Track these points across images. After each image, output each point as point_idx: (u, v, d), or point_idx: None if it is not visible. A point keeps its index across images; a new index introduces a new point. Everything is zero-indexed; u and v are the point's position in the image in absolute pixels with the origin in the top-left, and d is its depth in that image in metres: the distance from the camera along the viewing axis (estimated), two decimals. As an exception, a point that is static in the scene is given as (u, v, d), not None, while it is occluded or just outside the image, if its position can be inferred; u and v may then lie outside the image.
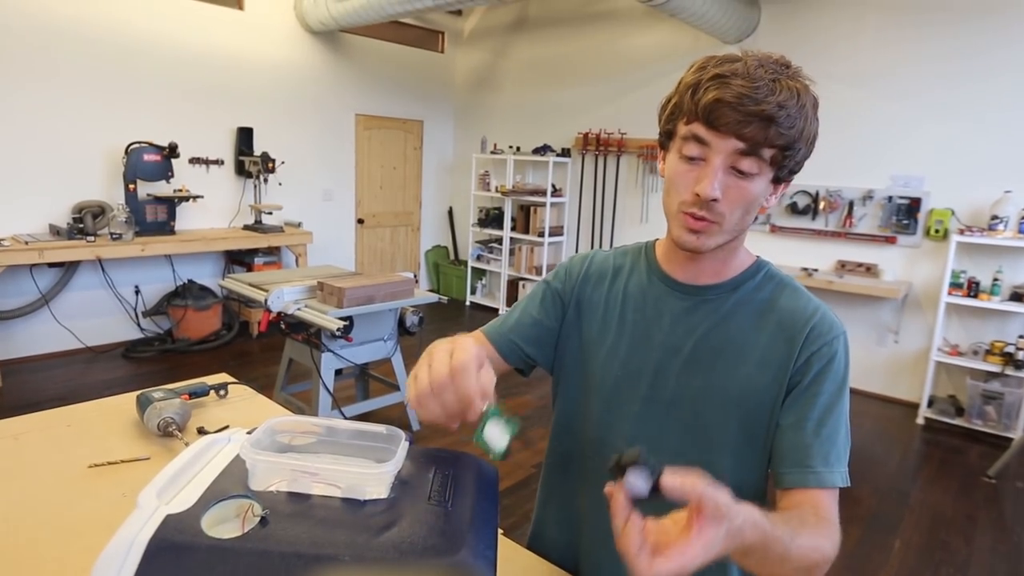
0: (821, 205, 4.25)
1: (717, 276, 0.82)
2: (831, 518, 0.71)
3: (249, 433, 0.69)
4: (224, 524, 0.54)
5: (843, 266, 4.21)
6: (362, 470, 0.57)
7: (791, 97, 0.68)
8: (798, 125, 0.69)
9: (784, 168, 0.73)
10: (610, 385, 0.88)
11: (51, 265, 4.00)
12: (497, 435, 0.60)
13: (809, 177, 4.32)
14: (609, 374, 0.87)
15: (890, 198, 3.99)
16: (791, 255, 4.45)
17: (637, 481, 0.52)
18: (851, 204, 4.15)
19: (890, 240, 4.03)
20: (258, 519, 0.52)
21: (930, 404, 3.77)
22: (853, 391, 4.20)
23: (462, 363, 0.60)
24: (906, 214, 3.94)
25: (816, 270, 4.25)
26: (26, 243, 3.65)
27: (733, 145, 0.69)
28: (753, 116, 0.67)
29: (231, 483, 0.57)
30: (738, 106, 0.67)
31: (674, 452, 0.82)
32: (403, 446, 0.62)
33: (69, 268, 4.15)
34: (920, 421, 3.77)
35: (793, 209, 4.37)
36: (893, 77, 3.95)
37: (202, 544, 0.49)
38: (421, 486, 0.60)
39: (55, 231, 3.91)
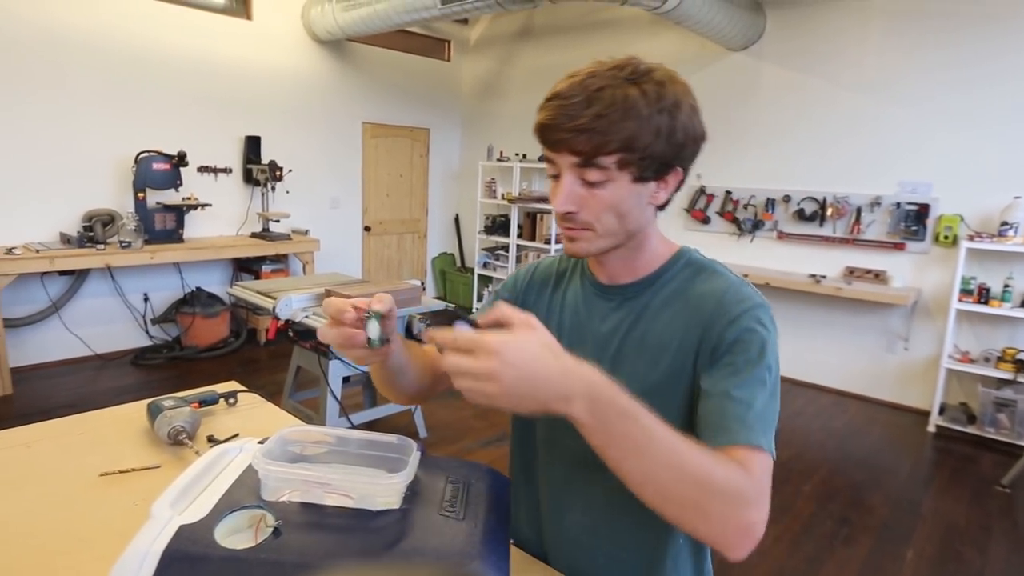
0: (829, 211, 4.24)
1: (633, 273, 0.85)
2: (755, 473, 0.66)
3: (260, 443, 0.69)
4: (237, 534, 0.54)
5: (852, 273, 4.19)
6: (374, 481, 0.57)
7: (614, 102, 0.69)
8: (630, 127, 0.70)
9: (644, 167, 0.73)
10: None
11: (61, 273, 4.03)
12: (371, 329, 0.71)
13: (816, 183, 4.31)
14: None
15: (898, 204, 3.97)
16: (798, 262, 4.44)
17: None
18: (859, 210, 4.13)
19: (899, 246, 4.01)
20: (271, 530, 0.52)
21: (941, 412, 3.74)
22: (862, 398, 4.18)
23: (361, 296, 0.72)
24: (915, 220, 3.92)
25: (824, 277, 4.23)
26: (37, 251, 3.68)
27: (569, 160, 0.73)
28: (573, 131, 0.70)
29: (244, 493, 0.57)
30: (557, 125, 0.71)
31: None
32: (414, 456, 0.62)
33: (79, 276, 4.18)
34: (931, 429, 3.73)
35: (800, 215, 4.36)
36: (900, 83, 3.94)
37: (216, 555, 0.49)
38: (433, 496, 0.60)
39: (66, 239, 3.94)
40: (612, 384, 0.62)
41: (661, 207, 0.82)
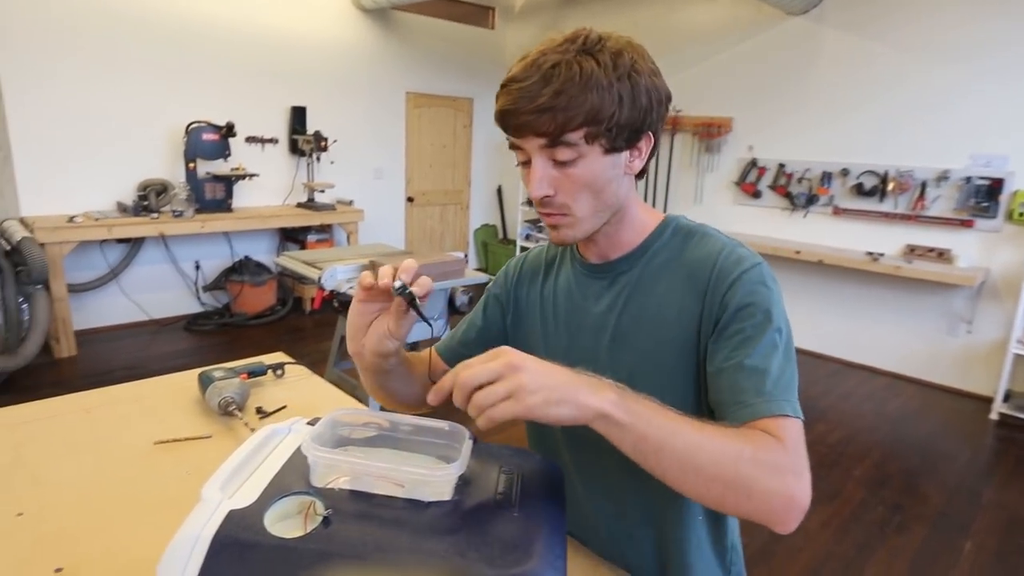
0: (890, 186, 4.02)
1: (621, 249, 0.82)
2: (787, 442, 0.63)
3: (309, 423, 0.68)
4: (286, 521, 0.53)
5: (912, 251, 3.99)
6: (426, 471, 0.54)
7: (571, 77, 0.67)
8: (591, 98, 0.67)
9: (613, 137, 0.70)
10: None
11: (119, 241, 4.18)
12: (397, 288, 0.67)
13: (878, 156, 4.08)
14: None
15: (968, 179, 3.73)
16: (855, 239, 4.24)
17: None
18: (923, 185, 3.90)
19: (966, 224, 3.78)
20: (320, 518, 0.51)
21: (1006, 399, 3.55)
22: (918, 382, 4.01)
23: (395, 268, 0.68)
24: (986, 196, 3.68)
25: (882, 255, 4.04)
26: (96, 220, 3.81)
27: (536, 142, 0.71)
28: (534, 112, 0.68)
29: (293, 478, 0.55)
30: (519, 109, 0.69)
31: None
32: (467, 445, 0.59)
33: (135, 244, 4.32)
34: (994, 416, 3.56)
35: (859, 190, 4.15)
36: (974, 48, 3.66)
37: (266, 543, 0.48)
38: (486, 487, 0.58)
39: (122, 208, 4.07)
40: (625, 387, 0.61)
41: (638, 176, 0.79)
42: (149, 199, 4.06)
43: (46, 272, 3.45)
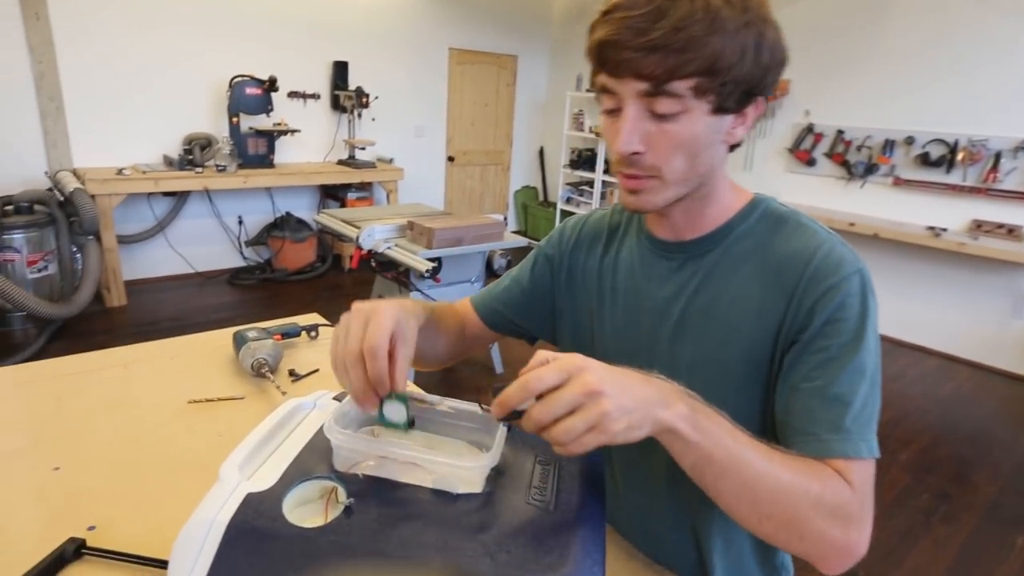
0: (959, 156, 3.76)
1: (699, 229, 0.73)
2: (855, 485, 0.58)
3: (336, 398, 0.65)
4: (306, 506, 0.50)
5: (979, 227, 3.74)
6: (457, 462, 0.50)
7: (693, 12, 0.56)
8: (714, 43, 0.57)
9: (725, 95, 0.61)
10: (611, 360, 0.80)
11: (165, 194, 4.25)
12: (395, 411, 0.56)
13: (948, 124, 3.81)
14: (608, 349, 0.80)
15: (1049, 150, 3.45)
16: (916, 212, 4.01)
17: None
18: (998, 156, 3.63)
19: (1043, 199, 3.52)
20: (342, 507, 0.47)
21: (1070, 387, 3.36)
22: (974, 365, 3.82)
23: (372, 347, 0.54)
24: (1067, 169, 3.41)
25: (945, 230, 3.81)
26: (144, 172, 3.87)
27: (635, 87, 0.60)
28: (642, 50, 0.57)
29: (315, 460, 0.52)
30: (623, 43, 0.58)
31: None
32: (500, 432, 0.55)
33: (181, 197, 4.39)
34: (1055, 405, 3.37)
35: (923, 160, 3.89)
36: (1072, 5, 3.33)
37: (284, 531, 0.45)
38: (519, 479, 0.54)
39: (168, 161, 4.12)
40: (694, 393, 0.55)
41: (733, 147, 0.69)
42: (194, 153, 4.10)
43: (97, 223, 3.54)
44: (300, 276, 4.64)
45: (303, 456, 0.53)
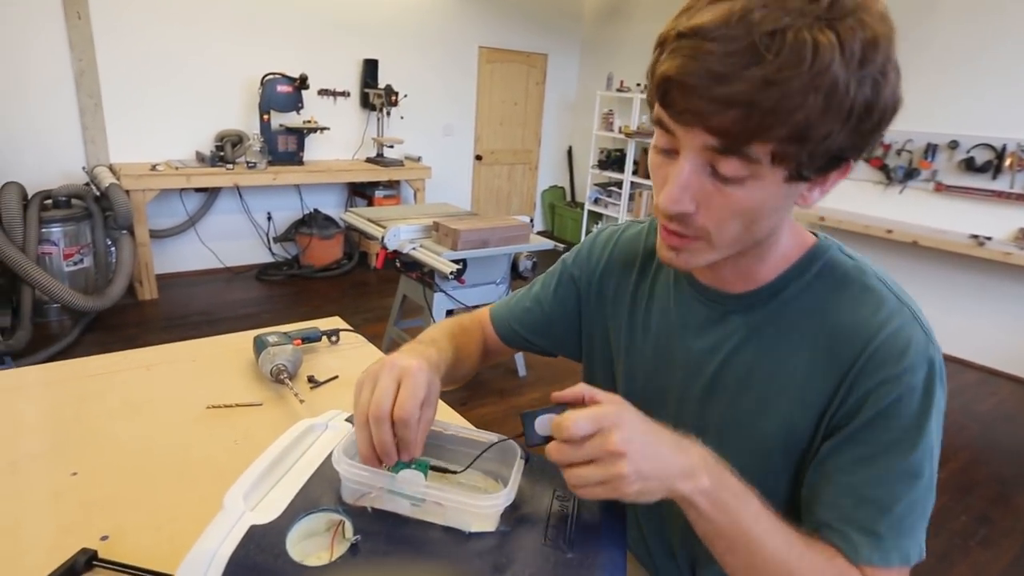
0: (1008, 162, 3.60)
1: (748, 283, 0.63)
2: None
3: (348, 419, 0.62)
4: (312, 539, 0.48)
5: (1026, 236, 3.59)
6: (470, 500, 0.48)
7: (797, 61, 0.43)
8: (812, 105, 0.44)
9: (806, 164, 0.48)
10: (635, 402, 0.74)
11: (197, 190, 4.32)
12: (411, 481, 0.51)
13: (996, 128, 3.65)
14: (635, 391, 0.73)
15: (1104, 157, 3.29)
16: (958, 220, 3.86)
17: (546, 416, 0.51)
18: (1048, 162, 3.47)
19: (1096, 208, 3.36)
20: (348, 544, 0.45)
21: (1121, 406, 3.20)
22: (1018, 380, 3.66)
23: (404, 416, 0.50)
24: (1124, 178, 3.24)
25: (989, 238, 3.66)
26: (176, 169, 3.94)
27: (702, 140, 0.48)
28: (720, 102, 0.45)
29: (322, 490, 0.50)
30: (696, 89, 0.45)
31: None
32: (518, 465, 0.52)
33: (212, 193, 4.46)
34: (1104, 425, 3.21)
35: (968, 165, 3.75)
36: None
37: (286, 571, 0.43)
38: (536, 517, 0.51)
39: (200, 158, 4.18)
40: (723, 462, 0.51)
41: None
42: (225, 150, 4.15)
43: (131, 217, 3.61)
44: (326, 273, 4.68)
45: (310, 485, 0.51)
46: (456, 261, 2.68)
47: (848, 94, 0.45)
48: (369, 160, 4.88)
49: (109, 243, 3.76)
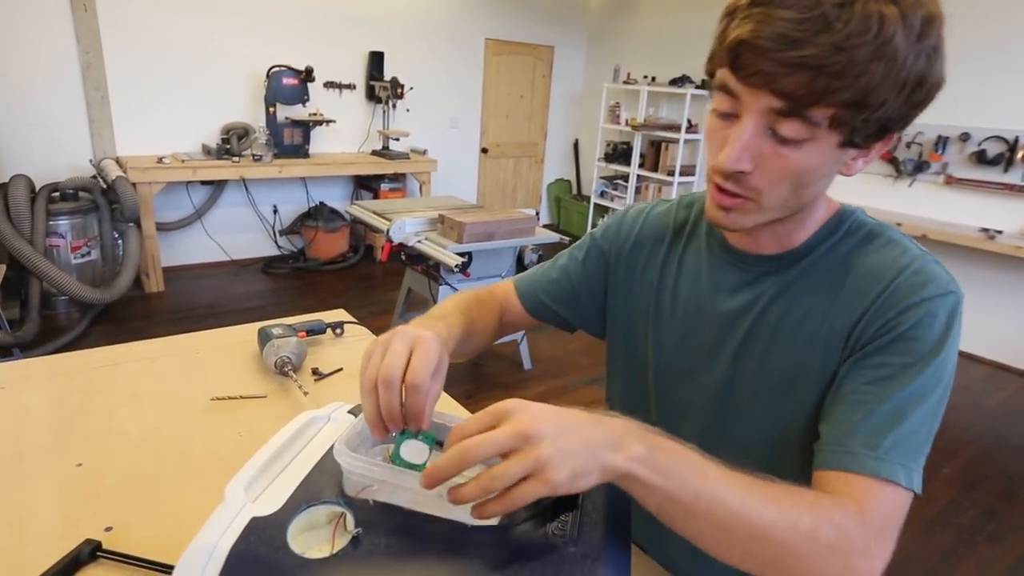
0: (1020, 154, 3.56)
1: (780, 245, 0.67)
2: (864, 507, 0.52)
3: (351, 411, 0.62)
4: (313, 531, 0.47)
5: (1038, 229, 3.55)
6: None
7: (864, 31, 0.47)
8: (875, 72, 0.48)
9: (859, 130, 0.52)
10: (665, 369, 0.75)
11: (203, 183, 4.33)
12: (416, 452, 0.51)
13: (1009, 120, 3.61)
14: (664, 358, 0.75)
15: (1118, 150, 3.25)
16: (969, 213, 3.82)
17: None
18: (1061, 155, 3.43)
19: (1109, 202, 3.31)
20: (350, 536, 0.45)
21: None
22: (1030, 377, 3.63)
23: (416, 382, 0.50)
24: None
25: (1000, 232, 3.62)
26: (183, 161, 3.94)
27: (767, 102, 0.52)
28: (790, 65, 0.48)
29: (324, 483, 0.50)
30: (769, 50, 0.48)
31: (737, 447, 0.68)
32: (520, 459, 0.51)
33: (218, 186, 4.46)
34: (1114, 420, 3.18)
35: (979, 158, 3.71)
36: None
37: (286, 563, 0.43)
38: (539, 511, 0.50)
39: (207, 151, 4.19)
40: (653, 428, 0.49)
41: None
42: (231, 143, 4.16)
43: (138, 210, 3.62)
44: (332, 266, 4.69)
45: (312, 477, 0.51)
46: (461, 254, 2.67)
47: (906, 65, 0.49)
48: (375, 153, 4.87)
49: (116, 236, 3.78)
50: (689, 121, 5.06)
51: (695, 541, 0.50)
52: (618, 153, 5.63)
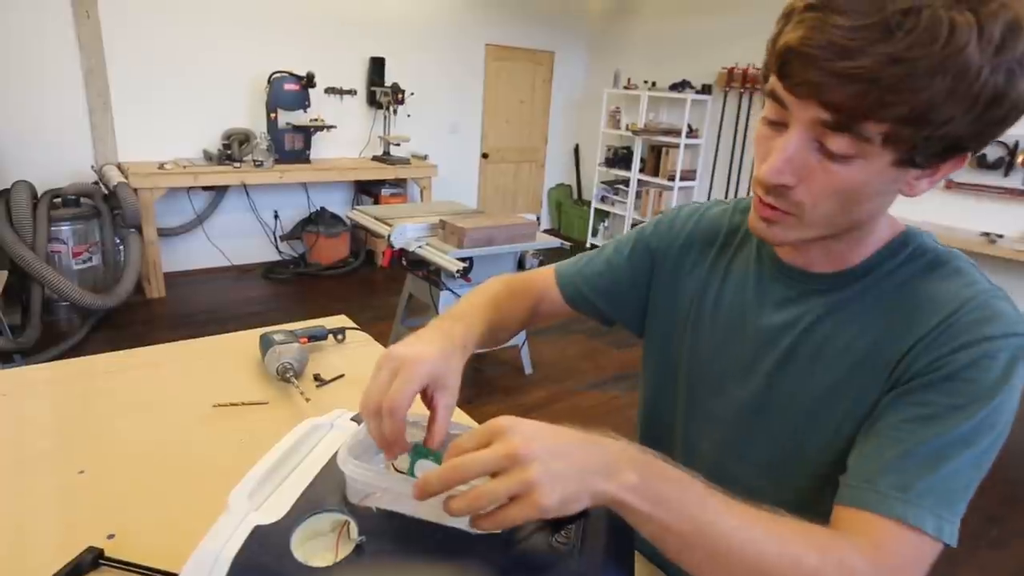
0: (1020, 159, 3.57)
1: (836, 264, 0.62)
2: (881, 549, 0.48)
3: (354, 419, 0.62)
4: (317, 540, 0.47)
5: (1038, 234, 3.55)
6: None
7: (928, 41, 0.42)
8: (937, 87, 0.43)
9: (920, 149, 0.48)
10: (697, 377, 0.73)
11: (204, 188, 4.33)
12: (425, 469, 0.52)
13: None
14: (697, 365, 0.73)
15: (1118, 154, 3.25)
16: (969, 217, 3.82)
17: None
18: (1061, 159, 3.43)
19: (1109, 206, 3.32)
20: (354, 545, 0.45)
21: None
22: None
23: (392, 406, 0.50)
24: None
25: (1001, 236, 3.63)
26: (184, 167, 3.95)
27: (814, 114, 0.48)
28: (840, 76, 0.44)
29: (328, 491, 0.50)
30: (818, 59, 0.45)
31: (762, 465, 0.66)
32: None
33: (219, 191, 4.47)
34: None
35: (980, 162, 3.71)
36: None
37: (290, 571, 0.43)
38: (542, 520, 0.50)
39: (208, 156, 4.20)
40: (656, 454, 0.46)
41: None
42: (232, 148, 4.17)
43: (139, 216, 3.63)
44: (333, 271, 4.69)
45: (315, 485, 0.51)
46: (462, 259, 2.68)
47: (979, 79, 0.44)
48: (376, 158, 4.88)
49: (118, 241, 3.78)
50: (689, 126, 5.07)
51: (691, 571, 0.48)
52: (619, 158, 5.64)
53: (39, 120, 3.72)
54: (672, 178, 5.12)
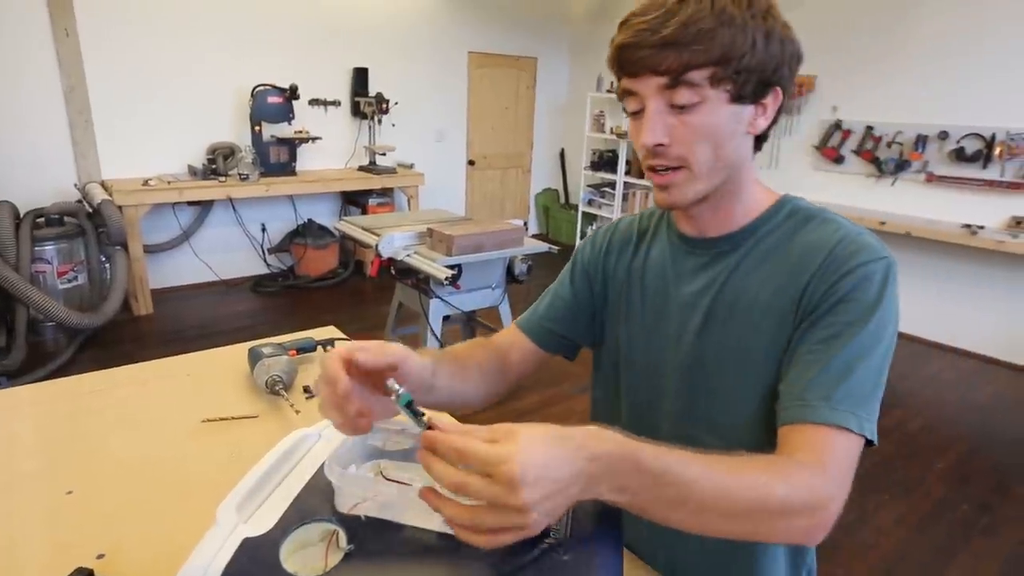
0: (997, 151, 3.62)
1: (725, 226, 0.74)
2: (824, 460, 0.57)
3: (342, 428, 0.62)
4: (306, 550, 0.47)
5: (1018, 223, 3.61)
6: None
7: (700, 10, 0.61)
8: (723, 34, 0.61)
9: (741, 83, 0.63)
10: (636, 360, 0.82)
11: (190, 203, 4.31)
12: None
13: (986, 117, 3.67)
14: (635, 347, 0.81)
15: (1092, 143, 3.31)
16: (950, 210, 3.87)
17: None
18: (1037, 150, 3.49)
19: (1086, 195, 3.37)
20: (343, 554, 0.45)
21: (1118, 391, 3.20)
22: (1015, 368, 3.67)
23: (328, 375, 0.53)
24: (1112, 163, 3.26)
25: (982, 227, 3.68)
26: (168, 183, 3.93)
27: (654, 83, 0.64)
28: (656, 47, 0.61)
29: (316, 500, 0.50)
30: (639, 43, 0.62)
31: (705, 421, 0.75)
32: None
33: (205, 206, 4.45)
34: (1102, 409, 3.22)
35: (958, 155, 3.76)
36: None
37: (279, 582, 0.43)
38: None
39: (193, 171, 4.18)
40: (631, 444, 0.49)
41: (760, 138, 0.71)
42: (217, 162, 4.15)
43: (124, 233, 3.60)
44: (322, 283, 4.67)
45: (304, 496, 0.51)
46: (451, 267, 2.68)
47: (746, 25, 0.61)
48: (362, 168, 4.88)
49: (103, 259, 3.75)
50: (673, 127, 5.10)
51: (677, 527, 0.52)
52: (604, 161, 5.67)
53: (20, 140, 3.69)
54: (658, 180, 5.14)
